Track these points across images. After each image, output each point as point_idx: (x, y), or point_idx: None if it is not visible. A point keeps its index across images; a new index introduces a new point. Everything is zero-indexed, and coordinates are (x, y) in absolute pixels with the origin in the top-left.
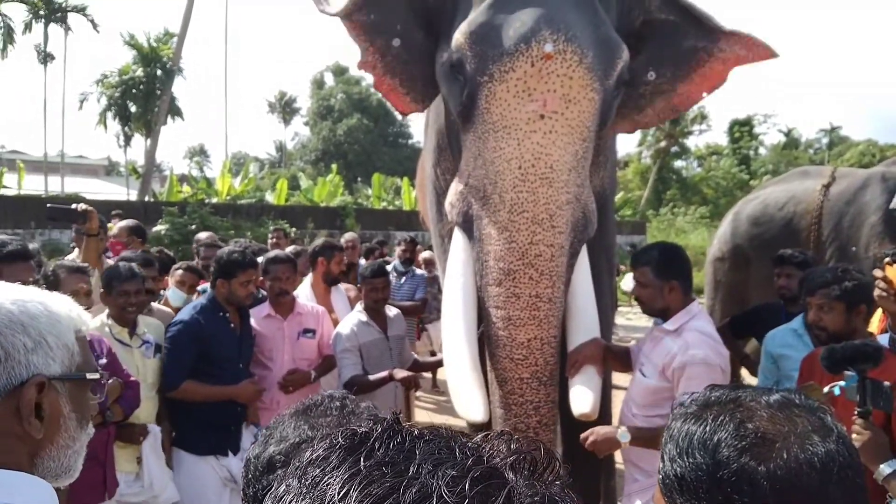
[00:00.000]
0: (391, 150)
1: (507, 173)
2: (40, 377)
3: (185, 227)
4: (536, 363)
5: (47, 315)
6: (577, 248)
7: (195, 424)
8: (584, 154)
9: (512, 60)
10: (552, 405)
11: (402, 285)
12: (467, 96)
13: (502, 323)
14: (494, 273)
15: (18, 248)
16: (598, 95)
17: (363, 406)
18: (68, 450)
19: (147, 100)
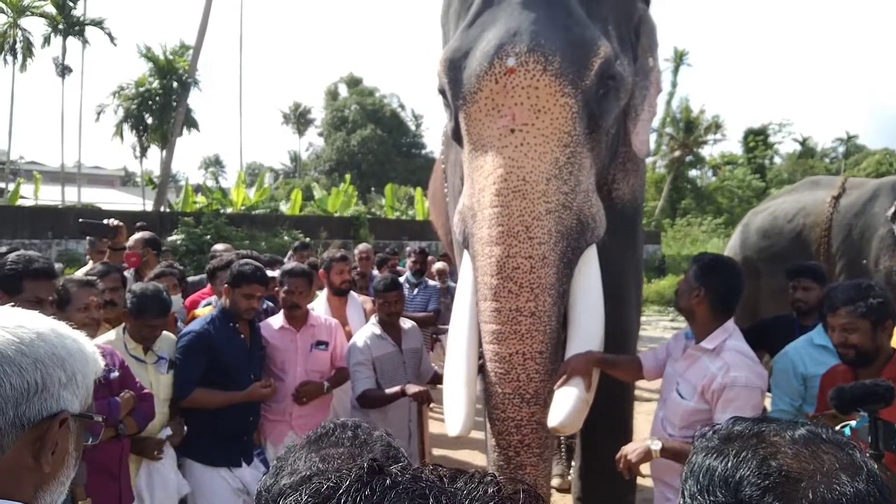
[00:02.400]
0: (404, 161)
1: (486, 190)
2: (66, 413)
3: (201, 237)
4: (518, 379)
5: (81, 354)
6: (571, 257)
7: (207, 435)
8: (568, 160)
9: (478, 80)
10: (536, 425)
11: (415, 296)
12: (454, 120)
13: (489, 337)
14: (482, 288)
15: (45, 265)
16: (571, 100)
17: (376, 435)
18: (62, 486)
19: (163, 111)
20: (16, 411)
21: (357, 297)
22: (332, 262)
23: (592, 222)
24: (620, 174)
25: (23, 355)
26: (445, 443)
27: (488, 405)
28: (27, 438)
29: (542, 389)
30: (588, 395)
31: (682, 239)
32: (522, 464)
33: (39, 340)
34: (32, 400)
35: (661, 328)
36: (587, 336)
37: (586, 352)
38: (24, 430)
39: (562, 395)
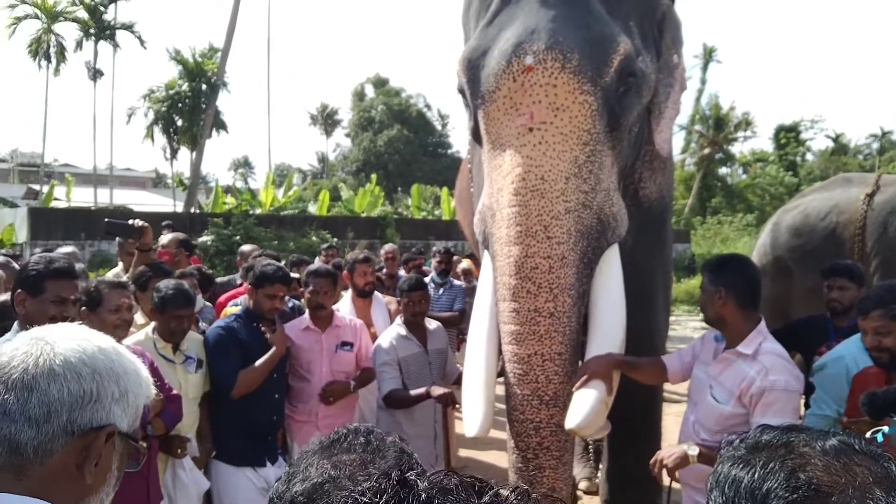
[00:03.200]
0: (431, 160)
1: (504, 189)
2: (113, 427)
3: (230, 237)
4: (537, 380)
5: (136, 375)
6: (592, 257)
7: (232, 435)
8: (587, 159)
9: (496, 79)
10: (555, 428)
11: (441, 296)
12: (473, 120)
13: (507, 338)
14: (501, 289)
15: (65, 265)
16: (591, 97)
17: (389, 441)
18: (102, 501)
19: (192, 113)
20: (69, 416)
21: (382, 298)
22: (355, 263)
23: (613, 221)
24: (647, 173)
25: (84, 364)
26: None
27: (508, 406)
28: (75, 446)
29: (562, 391)
30: (608, 398)
31: (713, 237)
32: (541, 466)
33: (100, 354)
34: (85, 408)
35: (691, 328)
36: (607, 337)
37: (606, 354)
38: (73, 436)
39: (580, 396)
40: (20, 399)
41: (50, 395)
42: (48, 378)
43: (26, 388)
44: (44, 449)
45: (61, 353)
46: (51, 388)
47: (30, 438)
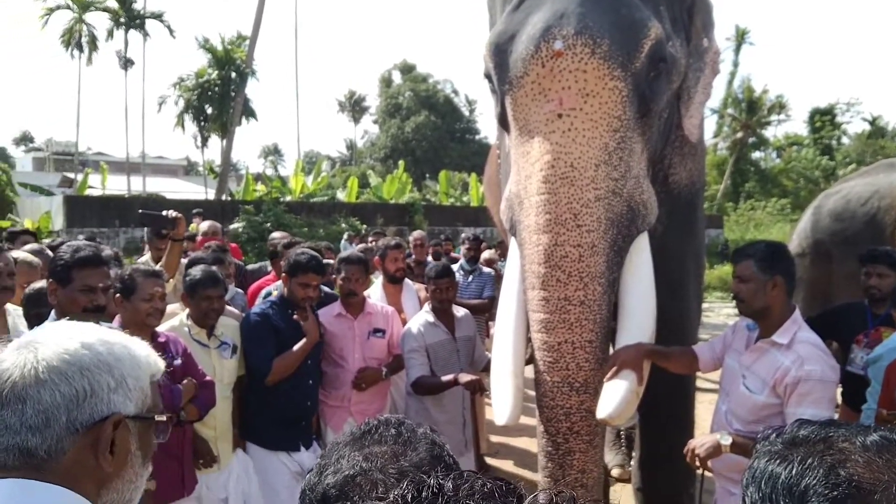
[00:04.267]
0: (458, 146)
1: (533, 176)
2: (118, 415)
3: (261, 224)
4: (567, 367)
5: (130, 359)
6: (622, 245)
7: (267, 419)
8: (618, 145)
9: (524, 65)
10: (586, 413)
11: (470, 284)
12: (500, 105)
13: (537, 326)
14: (529, 277)
15: (91, 254)
16: (621, 83)
17: (420, 432)
18: (131, 484)
19: (222, 101)
20: (68, 417)
21: (412, 285)
22: (386, 249)
23: (643, 209)
24: (677, 158)
25: (69, 365)
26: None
27: (538, 393)
28: (84, 441)
29: (593, 378)
30: (639, 388)
31: (746, 223)
32: (571, 450)
33: (84, 349)
34: (83, 405)
35: (725, 315)
36: (638, 327)
37: (636, 343)
38: (78, 434)
39: (611, 386)
40: (16, 411)
41: (43, 402)
42: (36, 386)
43: (19, 399)
44: (54, 450)
45: (44, 358)
46: (42, 396)
47: (37, 444)
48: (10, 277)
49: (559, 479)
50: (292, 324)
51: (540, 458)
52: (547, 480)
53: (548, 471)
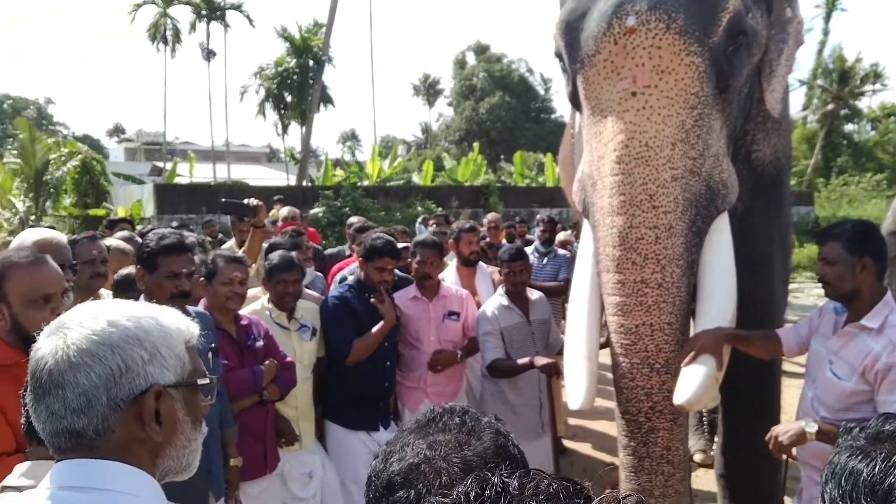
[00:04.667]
0: (534, 126)
1: (606, 157)
2: (157, 386)
3: (340, 209)
4: (647, 349)
5: (159, 329)
6: (701, 226)
7: (346, 399)
8: (695, 123)
9: (596, 42)
10: (668, 393)
11: (545, 266)
12: (571, 84)
13: (613, 309)
14: (604, 259)
15: (175, 241)
16: (698, 58)
17: (485, 421)
18: (185, 449)
19: (301, 89)
20: (108, 395)
21: (486, 268)
22: (461, 232)
23: (723, 188)
24: (760, 134)
25: (98, 345)
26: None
27: (615, 374)
28: (129, 415)
29: (674, 359)
30: (718, 374)
31: (838, 199)
32: (654, 428)
33: (111, 327)
34: (120, 382)
35: (815, 296)
36: (717, 310)
37: (716, 328)
38: (122, 409)
39: (689, 371)
40: (57, 397)
41: (81, 385)
42: (71, 370)
43: (58, 385)
44: (102, 428)
45: (73, 342)
46: (79, 379)
47: (84, 425)
48: (104, 264)
49: (644, 457)
50: (369, 307)
51: (621, 438)
52: (630, 458)
53: (630, 448)
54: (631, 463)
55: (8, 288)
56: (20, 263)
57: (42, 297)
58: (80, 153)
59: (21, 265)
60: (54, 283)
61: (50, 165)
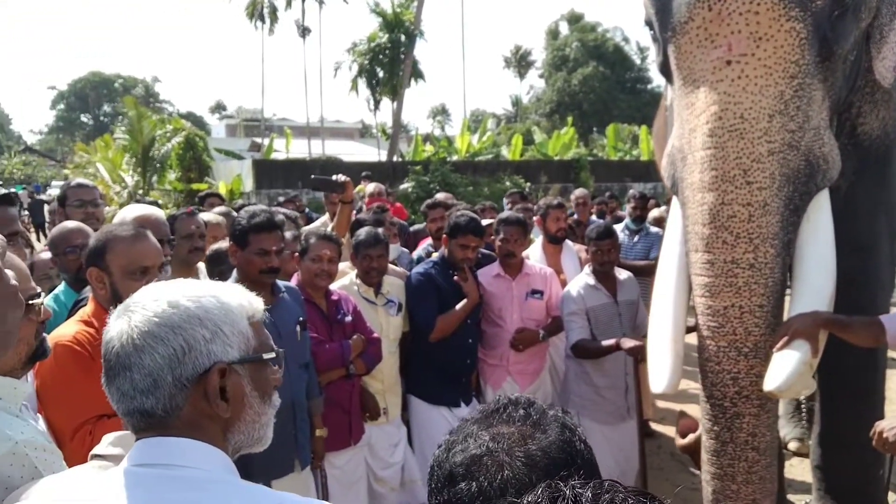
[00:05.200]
0: (629, 97)
1: (697, 130)
2: (221, 364)
3: (429, 184)
4: (735, 332)
5: (220, 307)
6: (799, 204)
7: (429, 374)
8: (795, 94)
9: (689, 9)
10: (755, 378)
11: (635, 244)
12: (662, 54)
13: (700, 290)
14: (693, 238)
15: (265, 219)
16: (799, 24)
17: (551, 414)
18: (255, 423)
19: (392, 65)
20: (173, 375)
21: (572, 246)
22: (548, 209)
23: (824, 163)
24: (867, 106)
25: (160, 327)
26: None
27: (701, 357)
28: (196, 393)
29: (763, 343)
30: (812, 360)
31: None
32: (740, 413)
33: (171, 309)
34: (184, 361)
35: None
36: (814, 293)
37: (812, 312)
38: (188, 388)
39: (781, 357)
40: (126, 379)
41: (146, 367)
42: (136, 353)
43: (125, 367)
44: (170, 407)
45: (137, 325)
46: (144, 360)
47: (153, 405)
48: (202, 239)
49: (727, 441)
50: (453, 284)
51: (704, 422)
52: (713, 442)
53: (714, 433)
54: (714, 447)
55: (110, 259)
56: (122, 237)
57: (140, 269)
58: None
59: (123, 238)
60: (152, 257)
61: (156, 142)
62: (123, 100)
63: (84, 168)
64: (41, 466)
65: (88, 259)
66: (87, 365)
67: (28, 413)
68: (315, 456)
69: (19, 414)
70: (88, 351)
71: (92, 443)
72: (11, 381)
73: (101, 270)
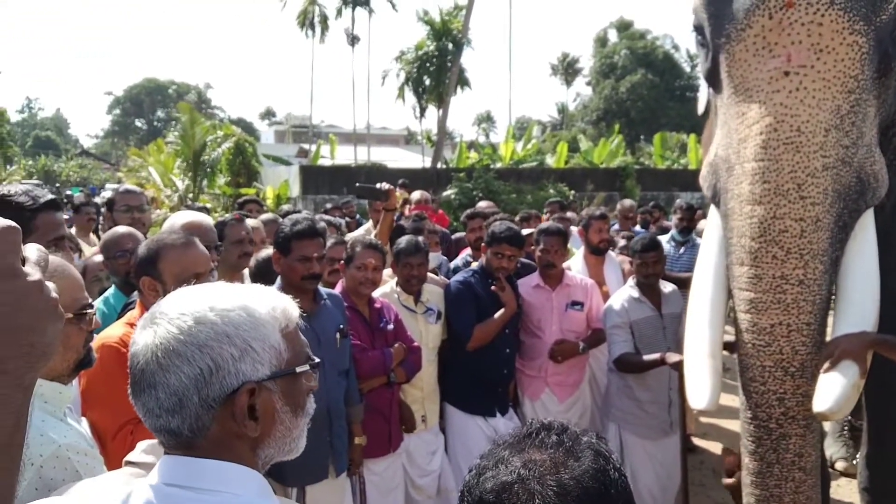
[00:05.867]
0: (678, 105)
1: (749, 140)
2: (250, 384)
3: (472, 191)
4: (781, 351)
5: (250, 321)
6: (847, 221)
7: (465, 383)
8: (852, 109)
9: (747, 16)
10: (802, 398)
11: (681, 256)
12: (711, 60)
13: (745, 306)
14: (738, 251)
15: (306, 227)
16: (862, 38)
17: (584, 441)
18: (286, 437)
19: (439, 72)
20: (199, 395)
21: (615, 257)
22: (590, 219)
23: (874, 181)
24: None
25: (185, 345)
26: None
27: (744, 377)
28: (224, 414)
29: (810, 362)
30: (860, 381)
31: None
32: (786, 434)
33: (198, 326)
34: (211, 382)
35: None
36: (860, 313)
37: (860, 332)
38: (214, 409)
39: (830, 378)
40: (151, 397)
41: (171, 386)
42: (161, 372)
43: (150, 386)
44: (197, 427)
45: (161, 342)
46: (169, 380)
47: (178, 425)
48: (251, 244)
49: (773, 463)
50: (492, 293)
51: (747, 443)
52: (758, 464)
53: (758, 455)
54: (759, 468)
55: (162, 268)
56: (173, 245)
57: (192, 276)
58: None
59: (174, 247)
60: (203, 264)
61: (207, 147)
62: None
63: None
64: (82, 470)
65: (140, 268)
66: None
67: (72, 416)
68: (353, 463)
69: (63, 418)
70: None
71: (133, 442)
72: (58, 385)
73: (154, 279)
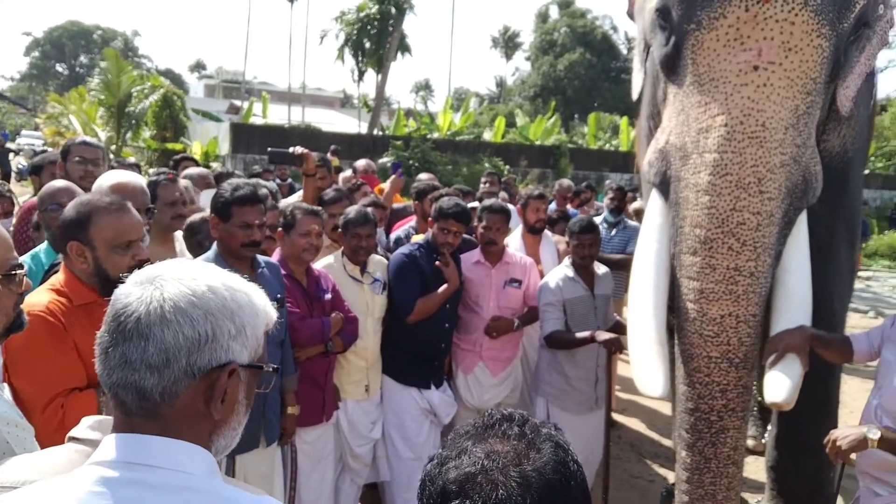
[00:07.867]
0: (612, 87)
1: (712, 131)
2: (235, 364)
3: (408, 161)
4: (729, 342)
5: (251, 307)
6: (791, 217)
7: (403, 355)
8: (806, 109)
9: (723, 6)
10: (743, 390)
11: (613, 237)
12: (672, 45)
13: (694, 295)
14: (690, 241)
15: (249, 192)
16: (826, 42)
17: (545, 433)
18: (234, 432)
19: (380, 36)
20: (188, 360)
21: (551, 237)
22: (528, 199)
23: (815, 181)
24: (832, 124)
25: (194, 307)
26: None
27: (686, 367)
28: (199, 386)
29: (752, 353)
30: (803, 373)
31: None
32: (725, 427)
33: (210, 293)
34: (203, 350)
35: (890, 287)
36: (799, 307)
37: (801, 327)
38: (195, 378)
39: (780, 370)
40: (138, 347)
41: (166, 342)
42: (161, 325)
43: (142, 336)
44: (169, 392)
45: (170, 297)
46: (165, 336)
47: (154, 384)
48: (185, 205)
49: (711, 458)
50: (435, 268)
51: (686, 437)
52: (697, 458)
53: (697, 449)
54: (696, 464)
55: (93, 233)
56: (106, 209)
57: (125, 243)
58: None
59: (107, 211)
60: (136, 231)
61: (132, 98)
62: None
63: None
64: (13, 442)
65: (68, 231)
66: (59, 336)
67: None
68: (284, 433)
69: None
70: (62, 322)
71: (64, 416)
72: None
73: (83, 245)
